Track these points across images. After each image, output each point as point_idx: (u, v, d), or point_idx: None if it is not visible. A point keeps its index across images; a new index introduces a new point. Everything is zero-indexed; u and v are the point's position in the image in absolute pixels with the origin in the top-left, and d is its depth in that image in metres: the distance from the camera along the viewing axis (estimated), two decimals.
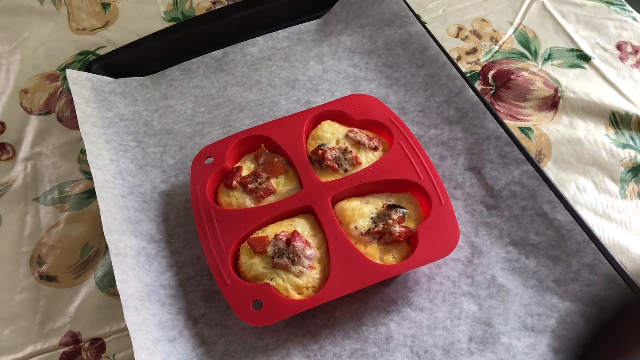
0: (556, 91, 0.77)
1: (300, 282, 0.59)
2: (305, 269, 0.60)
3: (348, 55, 0.83)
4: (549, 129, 0.74)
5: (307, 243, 0.61)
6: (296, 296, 0.59)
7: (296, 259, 0.60)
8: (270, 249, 0.61)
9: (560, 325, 0.58)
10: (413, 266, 0.59)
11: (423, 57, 0.79)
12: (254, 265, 0.61)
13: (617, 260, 0.61)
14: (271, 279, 0.59)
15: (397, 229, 0.61)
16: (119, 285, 0.59)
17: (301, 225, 0.63)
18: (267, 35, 0.85)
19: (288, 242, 0.60)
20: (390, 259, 0.61)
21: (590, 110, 0.75)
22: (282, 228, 0.63)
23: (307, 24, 0.86)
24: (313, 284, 0.60)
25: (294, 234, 0.61)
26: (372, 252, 0.61)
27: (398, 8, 0.84)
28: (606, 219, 0.67)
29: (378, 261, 0.60)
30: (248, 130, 0.71)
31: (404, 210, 0.63)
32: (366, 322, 0.60)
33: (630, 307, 0.57)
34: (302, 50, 0.84)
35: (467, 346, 0.58)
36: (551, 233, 0.63)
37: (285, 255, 0.60)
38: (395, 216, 0.62)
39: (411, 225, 0.62)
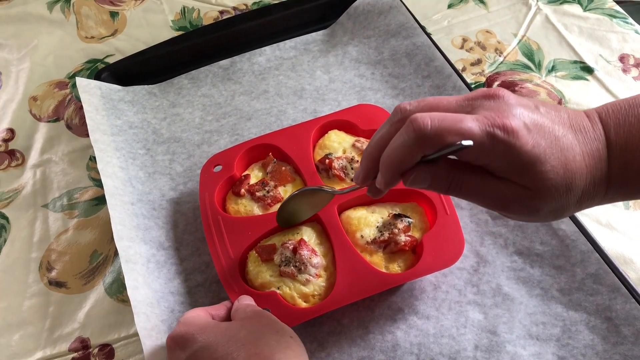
0: (560, 102, 0.78)
1: (307, 290, 0.60)
2: (311, 277, 0.60)
3: (354, 65, 0.84)
4: None
5: (313, 251, 0.62)
6: (303, 304, 0.59)
7: (303, 267, 0.60)
8: (277, 257, 0.61)
9: (565, 334, 0.59)
10: (418, 275, 0.60)
11: (429, 68, 0.80)
12: (261, 273, 0.61)
13: (620, 269, 0.61)
14: (278, 287, 0.60)
15: (403, 238, 0.62)
16: (129, 292, 0.60)
17: (308, 234, 0.64)
18: (274, 45, 0.86)
19: (295, 250, 0.61)
20: (395, 267, 0.61)
21: None
22: (289, 236, 0.63)
23: (313, 34, 0.87)
24: (319, 292, 0.60)
25: (301, 242, 0.62)
26: (378, 260, 0.62)
27: (404, 19, 0.85)
28: (610, 230, 0.67)
29: (383, 270, 0.61)
30: (256, 139, 0.72)
31: (410, 220, 0.63)
32: (373, 329, 0.61)
33: None
34: (308, 60, 0.85)
35: (473, 354, 0.58)
36: (556, 243, 0.64)
37: (292, 263, 0.60)
38: (400, 225, 0.62)
39: (416, 234, 0.63)
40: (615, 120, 0.42)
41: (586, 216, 0.68)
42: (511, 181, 0.41)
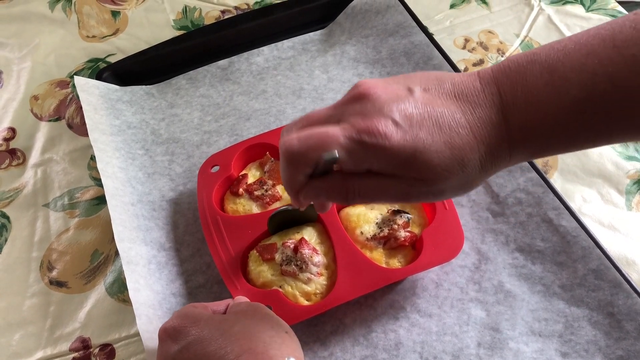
0: None
1: (309, 288, 0.60)
2: (313, 275, 0.60)
3: (352, 64, 0.83)
4: None
5: (314, 250, 0.61)
6: (305, 303, 0.59)
7: (304, 266, 0.60)
8: (278, 257, 0.61)
9: (568, 330, 0.59)
10: (419, 269, 0.60)
11: (427, 66, 0.80)
12: (262, 272, 0.61)
13: (621, 269, 0.61)
14: (280, 286, 0.60)
15: (403, 233, 0.62)
16: (131, 294, 0.60)
17: (308, 233, 0.63)
18: (272, 45, 0.86)
19: (296, 249, 0.61)
20: (395, 263, 0.61)
21: None
22: (290, 236, 0.63)
23: (311, 34, 0.87)
24: (321, 291, 0.60)
25: (302, 241, 0.62)
26: (378, 256, 0.62)
27: (402, 19, 0.85)
28: (612, 231, 0.67)
29: (384, 266, 0.61)
30: (253, 138, 0.72)
31: (409, 216, 0.63)
32: (375, 328, 0.60)
33: None
34: (307, 59, 0.85)
35: (476, 352, 0.58)
36: (557, 239, 0.64)
37: (293, 262, 0.60)
38: (400, 221, 0.63)
39: (416, 230, 0.63)
40: (512, 79, 0.39)
41: (588, 217, 0.68)
42: (403, 177, 0.40)
